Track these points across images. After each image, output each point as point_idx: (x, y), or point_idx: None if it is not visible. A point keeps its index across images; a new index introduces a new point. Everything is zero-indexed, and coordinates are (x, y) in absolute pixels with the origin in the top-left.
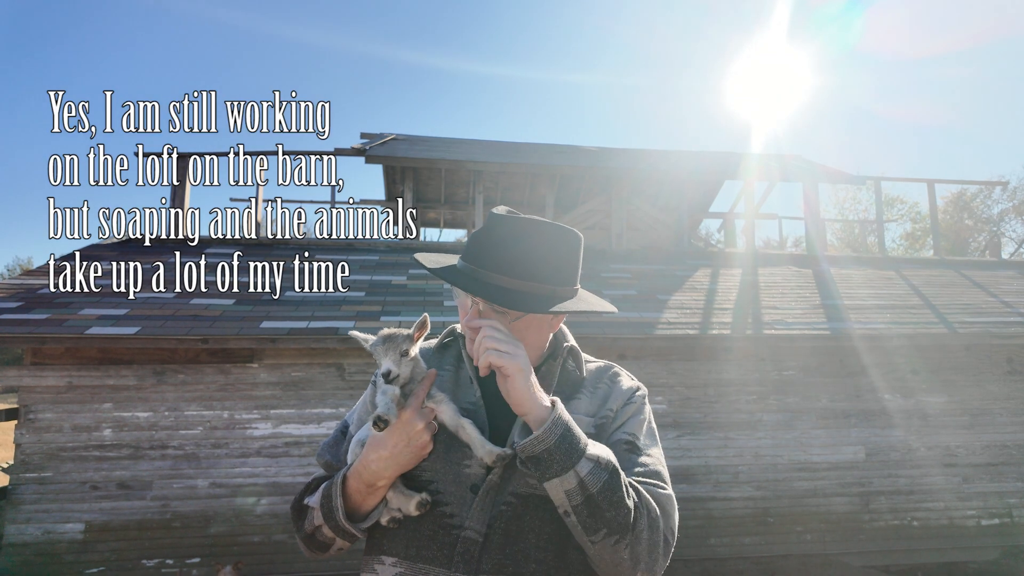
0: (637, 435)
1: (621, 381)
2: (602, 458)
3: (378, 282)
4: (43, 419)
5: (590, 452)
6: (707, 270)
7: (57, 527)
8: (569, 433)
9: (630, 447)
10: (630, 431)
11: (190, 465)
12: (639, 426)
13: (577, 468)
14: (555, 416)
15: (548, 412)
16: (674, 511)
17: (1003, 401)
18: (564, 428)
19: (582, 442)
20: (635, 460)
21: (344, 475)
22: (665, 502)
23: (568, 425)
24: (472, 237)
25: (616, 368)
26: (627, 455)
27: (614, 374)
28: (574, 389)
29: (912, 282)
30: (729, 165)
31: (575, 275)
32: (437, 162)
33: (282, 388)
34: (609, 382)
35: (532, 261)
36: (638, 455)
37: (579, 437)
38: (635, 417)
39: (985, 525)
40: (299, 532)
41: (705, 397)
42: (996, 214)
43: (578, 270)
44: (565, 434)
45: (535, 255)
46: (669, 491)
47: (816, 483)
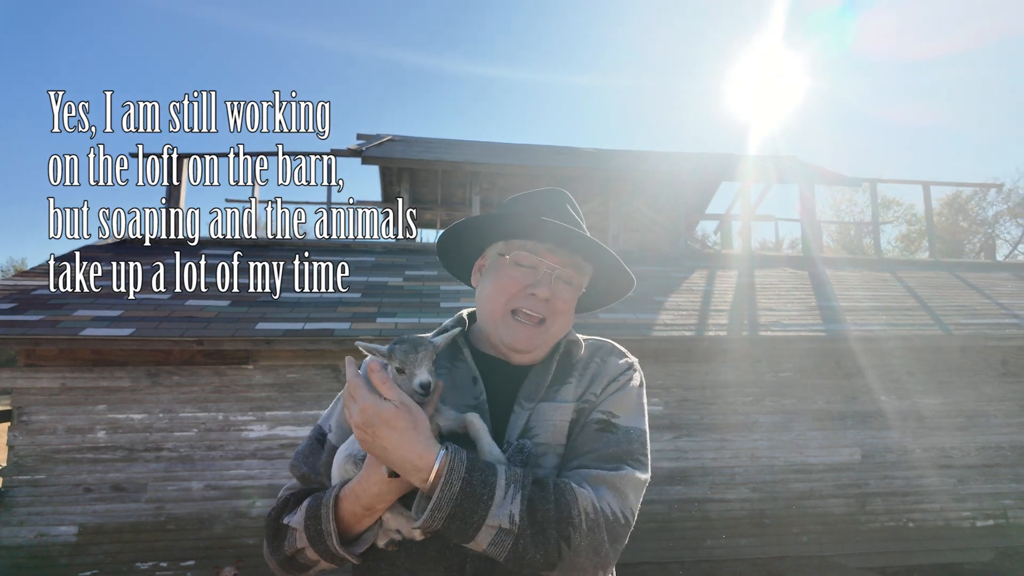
0: (615, 412)
1: (612, 359)
2: (504, 525)
3: (374, 283)
4: (36, 421)
5: (491, 520)
6: (704, 272)
7: (50, 530)
8: (460, 508)
9: (603, 426)
10: (607, 409)
11: (185, 467)
12: (620, 402)
13: (477, 539)
14: (437, 493)
15: (429, 486)
16: (631, 490)
17: (998, 403)
18: (452, 504)
19: (476, 515)
20: (606, 439)
21: (336, 496)
22: (617, 481)
23: (457, 499)
24: (520, 197)
25: (609, 345)
26: (598, 435)
27: (607, 351)
28: (567, 374)
29: (908, 284)
30: (726, 167)
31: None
32: (434, 163)
33: (277, 390)
34: (600, 360)
35: (585, 231)
36: (611, 433)
37: (475, 504)
38: (617, 393)
39: (980, 526)
40: (275, 554)
41: (701, 399)
42: (991, 216)
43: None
44: (454, 512)
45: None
46: (630, 471)
47: (812, 485)
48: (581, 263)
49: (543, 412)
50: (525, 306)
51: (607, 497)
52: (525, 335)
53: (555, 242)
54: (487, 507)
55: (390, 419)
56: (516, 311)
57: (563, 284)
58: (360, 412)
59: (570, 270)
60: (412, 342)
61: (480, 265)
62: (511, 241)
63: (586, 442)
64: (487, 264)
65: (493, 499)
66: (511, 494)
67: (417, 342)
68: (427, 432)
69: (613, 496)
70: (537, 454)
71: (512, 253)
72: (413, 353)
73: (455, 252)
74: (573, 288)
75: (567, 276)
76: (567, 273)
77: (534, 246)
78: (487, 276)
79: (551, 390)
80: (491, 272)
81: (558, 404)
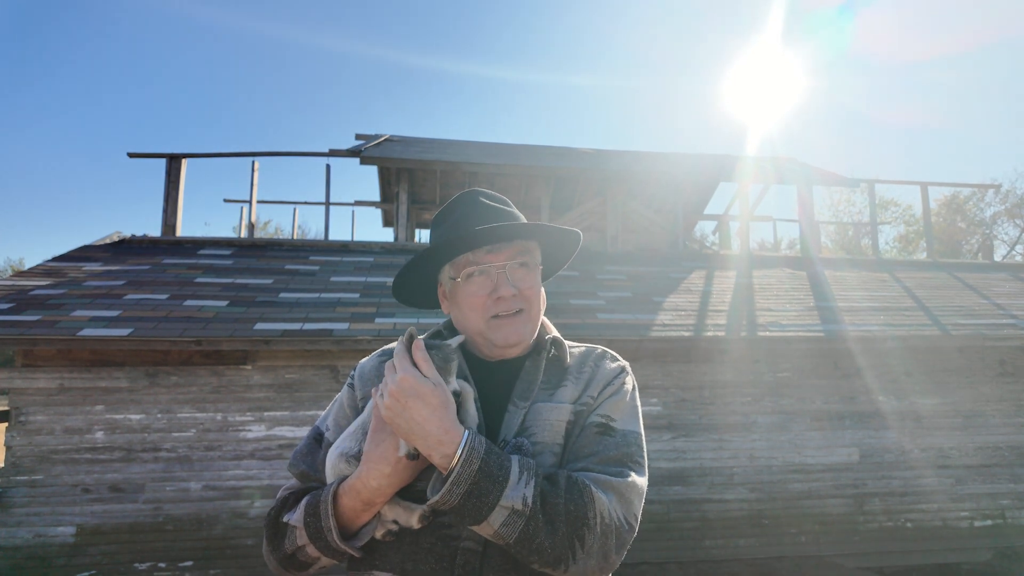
0: (612, 416)
1: (605, 363)
2: (517, 506)
3: (373, 284)
4: (34, 421)
5: (505, 500)
6: (702, 272)
7: (48, 530)
8: (477, 487)
9: (602, 429)
10: (604, 412)
11: (183, 468)
12: (615, 406)
13: (490, 519)
14: (457, 469)
15: (452, 461)
16: (636, 497)
17: (995, 403)
18: (470, 482)
19: (492, 494)
20: (606, 443)
21: (334, 492)
22: (624, 489)
23: (475, 477)
24: (439, 216)
25: (600, 350)
26: (598, 438)
27: (599, 356)
28: (561, 377)
29: (906, 284)
30: (724, 167)
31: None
32: (433, 163)
33: (276, 390)
34: (594, 365)
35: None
36: (610, 436)
37: (491, 484)
38: (613, 398)
39: (978, 526)
40: (275, 552)
41: (700, 399)
42: (989, 217)
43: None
44: (471, 489)
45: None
46: (632, 478)
47: (811, 485)
48: (524, 244)
49: (540, 412)
50: (499, 310)
51: (614, 503)
52: (511, 328)
53: (488, 242)
54: (502, 487)
55: (425, 394)
56: (494, 316)
57: (519, 270)
58: (399, 381)
59: (517, 258)
60: (444, 351)
61: (443, 292)
62: (454, 262)
63: (587, 445)
64: (447, 291)
65: (508, 481)
66: (525, 479)
67: (448, 352)
68: (454, 413)
69: (619, 503)
70: (534, 452)
71: (460, 273)
72: (449, 362)
73: (411, 294)
74: (530, 268)
75: (518, 262)
76: (517, 261)
77: (473, 256)
78: (453, 302)
79: (546, 391)
80: (455, 297)
81: (555, 405)
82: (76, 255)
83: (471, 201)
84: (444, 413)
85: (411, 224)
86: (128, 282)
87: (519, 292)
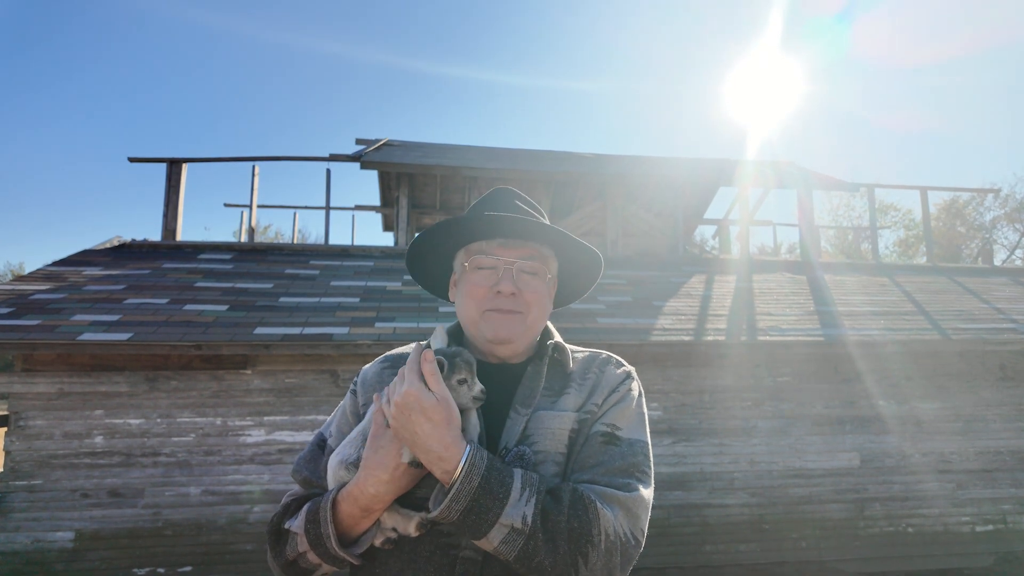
0: (618, 424)
1: (610, 369)
2: (516, 525)
3: (373, 288)
4: (33, 426)
5: (504, 519)
6: (702, 276)
7: (47, 535)
8: (476, 503)
9: (608, 439)
10: (610, 421)
11: (182, 472)
12: (621, 414)
13: (489, 536)
14: (457, 486)
15: (452, 477)
16: (642, 511)
17: (996, 407)
18: (469, 498)
19: (492, 512)
20: (611, 453)
21: (333, 499)
22: (631, 503)
23: (475, 494)
24: (473, 205)
25: (605, 355)
26: (603, 447)
27: (603, 361)
28: (564, 384)
29: (905, 289)
30: (724, 172)
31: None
32: (433, 168)
33: (276, 395)
34: (598, 371)
35: (539, 220)
36: (616, 446)
37: (491, 501)
38: (619, 405)
39: (979, 531)
40: (278, 559)
41: (700, 403)
42: (988, 221)
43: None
44: (471, 506)
45: (538, 217)
46: (639, 491)
47: (811, 490)
48: (539, 250)
49: (542, 420)
50: (495, 306)
51: (620, 518)
52: (502, 323)
53: (504, 235)
54: (502, 505)
55: (429, 409)
56: (489, 309)
57: (527, 276)
58: (404, 395)
59: (530, 261)
60: (466, 357)
61: (453, 280)
62: (468, 247)
63: (592, 455)
64: (457, 278)
65: (508, 498)
66: (526, 497)
67: (468, 356)
68: (458, 429)
69: (626, 518)
70: (536, 461)
71: (471, 259)
72: (471, 365)
73: (425, 273)
74: (539, 278)
75: (529, 268)
76: (528, 265)
77: (486, 245)
78: (459, 289)
79: (548, 399)
80: (461, 284)
81: (558, 413)
82: (76, 259)
83: (504, 197)
84: (446, 429)
85: (411, 228)
86: (128, 286)
87: (520, 293)
